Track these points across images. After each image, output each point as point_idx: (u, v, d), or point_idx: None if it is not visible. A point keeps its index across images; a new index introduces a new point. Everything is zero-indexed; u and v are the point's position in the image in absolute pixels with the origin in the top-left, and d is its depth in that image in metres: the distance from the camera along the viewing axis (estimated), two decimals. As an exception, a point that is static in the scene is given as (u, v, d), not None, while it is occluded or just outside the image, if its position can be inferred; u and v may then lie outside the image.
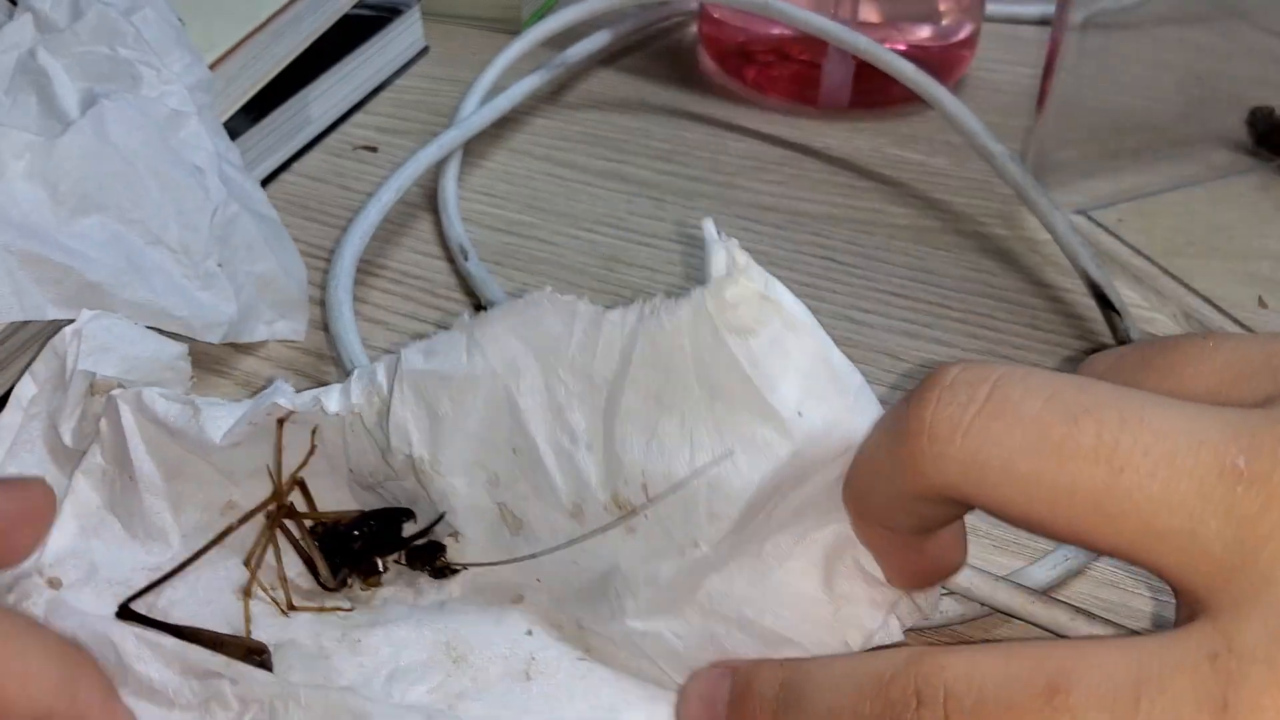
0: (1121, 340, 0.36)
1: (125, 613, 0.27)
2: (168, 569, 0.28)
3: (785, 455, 0.24)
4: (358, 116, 0.51)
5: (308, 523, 0.29)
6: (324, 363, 0.37)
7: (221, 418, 0.28)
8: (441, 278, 0.41)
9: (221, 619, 0.28)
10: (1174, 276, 0.40)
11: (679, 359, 0.25)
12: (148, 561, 0.29)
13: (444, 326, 0.30)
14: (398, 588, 0.29)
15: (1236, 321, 0.37)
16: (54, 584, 0.28)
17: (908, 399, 0.21)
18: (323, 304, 0.38)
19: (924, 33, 0.52)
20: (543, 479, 0.26)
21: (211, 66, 0.42)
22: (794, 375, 0.24)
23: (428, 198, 0.45)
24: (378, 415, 0.28)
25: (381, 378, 0.28)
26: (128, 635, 0.25)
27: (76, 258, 0.31)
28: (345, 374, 0.34)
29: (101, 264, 0.32)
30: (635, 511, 0.25)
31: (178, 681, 0.25)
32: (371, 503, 0.30)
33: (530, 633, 0.27)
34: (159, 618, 0.27)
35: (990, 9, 0.58)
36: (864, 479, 0.23)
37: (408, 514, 0.29)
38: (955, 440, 0.19)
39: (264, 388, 0.29)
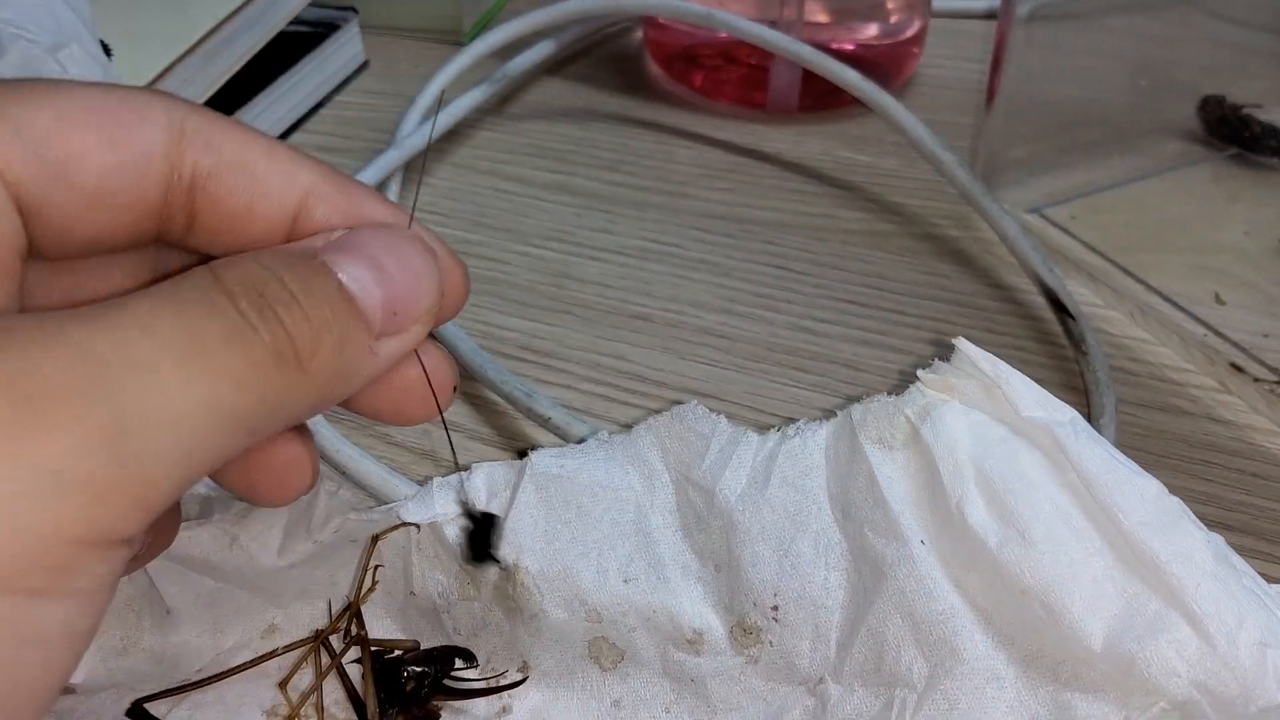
0: (1076, 342, 0.35)
1: (137, 710, 0.25)
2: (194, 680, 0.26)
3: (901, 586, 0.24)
4: (297, 136, 0.50)
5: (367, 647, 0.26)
6: None
7: (263, 534, 0.26)
8: (386, 302, 0.40)
9: None
10: (1129, 273, 0.39)
11: (814, 477, 0.25)
12: (174, 677, 0.27)
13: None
14: None
15: (1195, 318, 0.37)
16: (66, 690, 0.26)
17: None
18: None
19: (871, 31, 0.52)
20: (660, 605, 0.25)
21: (139, 93, 0.41)
22: (971, 494, 0.24)
23: (370, 219, 0.44)
24: (462, 525, 0.26)
25: (480, 483, 0.26)
26: None
27: None
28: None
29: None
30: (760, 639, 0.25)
31: None
32: (427, 632, 0.27)
33: None
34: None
35: (937, 4, 0.58)
36: None
37: (468, 655, 0.26)
38: None
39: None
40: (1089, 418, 0.34)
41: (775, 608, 0.25)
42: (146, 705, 0.25)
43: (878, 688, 0.25)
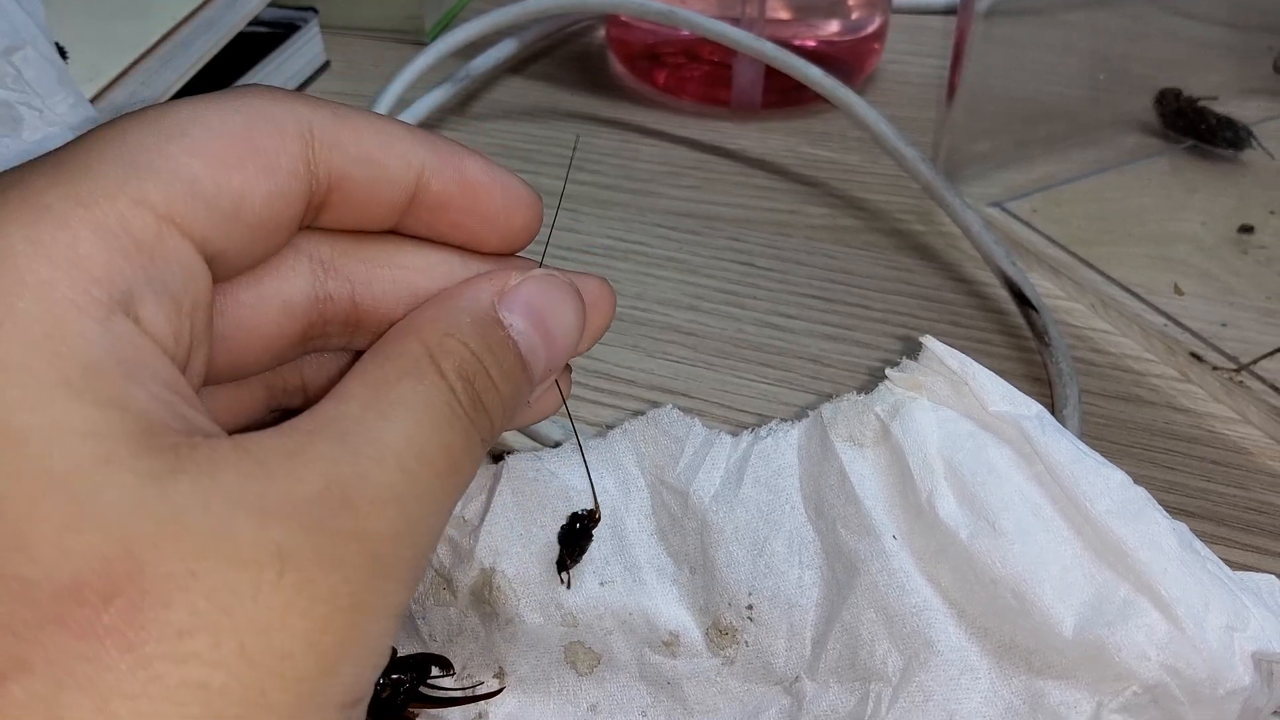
0: (1039, 335, 0.36)
1: None
2: None
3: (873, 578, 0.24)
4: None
5: None
6: None
7: None
8: (351, 304, 0.40)
9: None
10: (1090, 265, 0.40)
11: (786, 477, 0.26)
12: None
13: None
14: None
15: (1155, 308, 0.38)
16: None
17: None
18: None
19: (833, 27, 0.52)
20: (636, 607, 0.25)
21: (98, 95, 0.40)
22: (932, 489, 0.24)
23: (334, 220, 0.44)
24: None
25: None
26: None
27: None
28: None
29: None
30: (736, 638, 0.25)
31: None
32: (401, 638, 0.27)
33: None
34: None
35: (897, 0, 0.58)
36: None
37: (444, 663, 0.26)
38: None
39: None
40: (1053, 409, 0.34)
41: (750, 607, 0.25)
42: None
43: (853, 683, 0.25)
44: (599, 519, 0.25)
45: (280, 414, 0.22)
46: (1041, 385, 0.35)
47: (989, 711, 0.24)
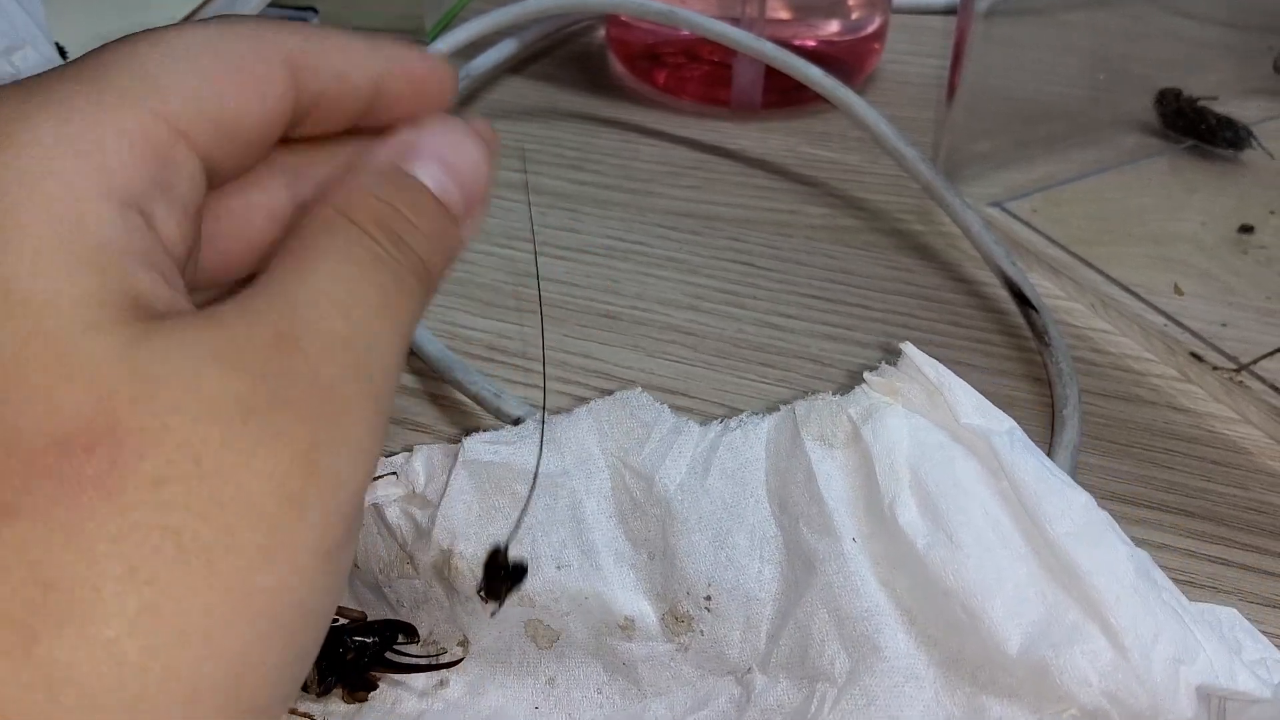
0: (1039, 335, 0.36)
1: None
2: None
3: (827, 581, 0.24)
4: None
5: None
6: None
7: None
8: (351, 304, 0.40)
9: None
10: (1090, 265, 0.40)
11: (753, 470, 0.26)
12: None
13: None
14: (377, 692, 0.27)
15: (1155, 308, 0.38)
16: None
17: None
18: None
19: (833, 28, 0.52)
20: (592, 592, 0.26)
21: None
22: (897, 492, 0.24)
23: (334, 220, 0.43)
24: (402, 507, 0.27)
25: (419, 466, 0.27)
26: None
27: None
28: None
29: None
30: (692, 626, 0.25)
31: None
32: (371, 601, 0.28)
33: None
34: None
35: (897, 0, 0.58)
36: None
37: (410, 630, 0.27)
38: None
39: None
40: (1053, 409, 0.34)
41: (708, 598, 0.25)
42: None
43: (801, 680, 0.25)
44: (525, 570, 0.25)
45: None
46: (1041, 385, 0.35)
47: (930, 719, 0.24)
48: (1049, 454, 0.33)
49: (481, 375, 0.33)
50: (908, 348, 0.26)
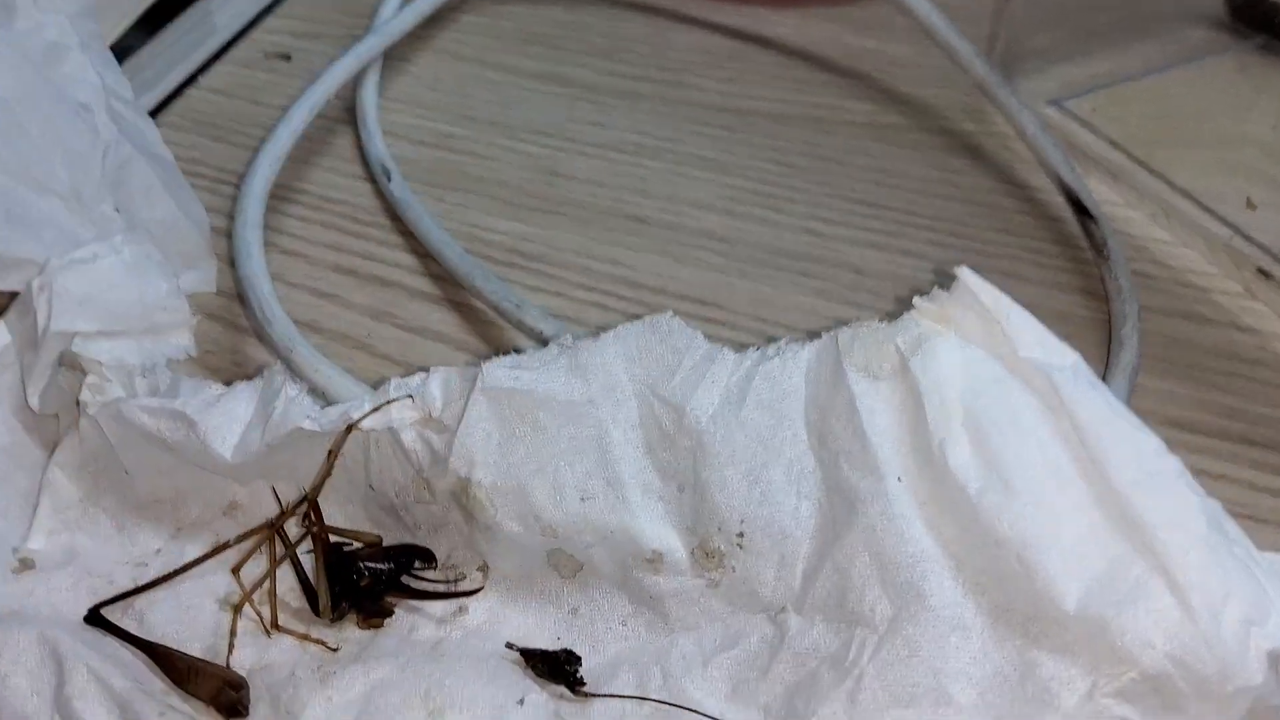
0: (1097, 246, 0.34)
1: (95, 618, 0.25)
2: (153, 567, 0.26)
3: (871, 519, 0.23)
4: (268, 21, 0.47)
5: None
6: (234, 305, 0.33)
7: (223, 426, 0.25)
8: (366, 201, 0.38)
9: (201, 629, 0.25)
10: (1152, 170, 0.37)
11: (791, 402, 0.24)
12: (133, 554, 0.27)
13: (370, 258, 0.27)
14: (393, 619, 0.26)
15: (1220, 219, 0.35)
16: (26, 564, 0.26)
17: None
18: (229, 236, 0.34)
19: (881, -94, 0.48)
20: (619, 525, 0.24)
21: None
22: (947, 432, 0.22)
23: (348, 110, 0.41)
24: (418, 431, 0.25)
25: (436, 390, 0.25)
26: (89, 653, 0.23)
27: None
28: (256, 321, 0.31)
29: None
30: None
31: None
32: (388, 524, 0.27)
33: (522, 702, 0.24)
34: (135, 617, 0.25)
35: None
36: None
37: (427, 555, 0.26)
38: None
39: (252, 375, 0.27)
40: (1109, 326, 0.32)
41: (741, 535, 0.24)
42: (103, 610, 0.25)
43: (839, 624, 0.23)
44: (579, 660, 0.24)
45: None
46: (1097, 300, 0.33)
47: (976, 673, 0.22)
48: (1104, 377, 0.31)
49: (502, 284, 0.31)
50: (964, 272, 0.24)
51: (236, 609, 0.25)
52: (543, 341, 0.29)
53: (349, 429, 0.25)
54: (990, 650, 0.22)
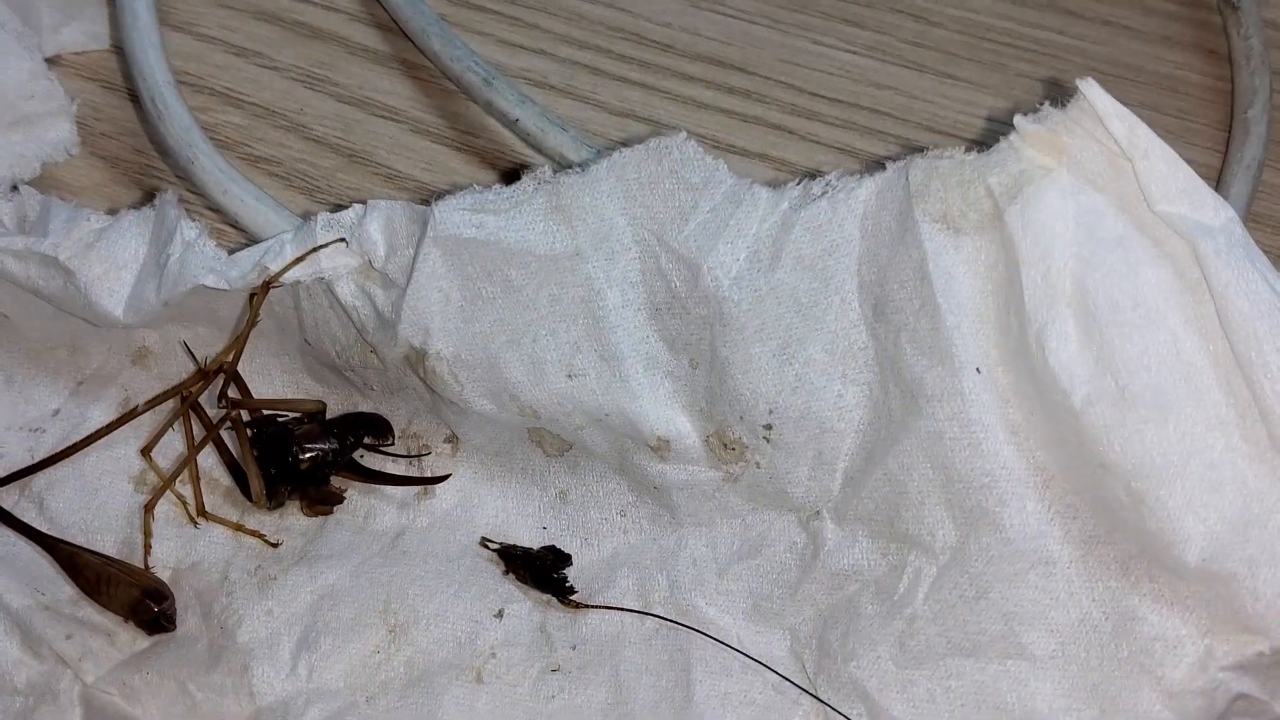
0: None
1: None
2: (51, 433, 0.22)
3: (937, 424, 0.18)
4: None
5: (243, 414, 0.21)
6: (112, 92, 0.26)
7: (108, 275, 0.21)
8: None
9: (113, 517, 0.21)
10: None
11: (840, 258, 0.19)
12: (27, 416, 0.23)
13: None
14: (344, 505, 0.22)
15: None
16: None
17: None
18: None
19: None
20: (615, 408, 0.20)
21: None
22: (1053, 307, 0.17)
23: None
24: (358, 283, 0.20)
25: (376, 232, 0.20)
26: None
27: None
28: (139, 106, 0.25)
29: None
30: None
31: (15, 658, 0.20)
32: (332, 382, 0.22)
33: (500, 614, 0.21)
34: (34, 501, 0.22)
35: None
36: None
37: (381, 427, 0.21)
38: None
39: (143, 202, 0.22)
40: (1231, 104, 0.26)
41: (769, 426, 0.20)
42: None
43: (887, 545, 0.20)
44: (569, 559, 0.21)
45: None
46: (1217, 63, 0.27)
47: (1057, 619, 0.19)
48: (1221, 171, 0.25)
49: (466, 50, 0.24)
50: (1087, 86, 0.17)
51: (148, 507, 0.21)
52: (516, 130, 0.23)
53: (266, 285, 0.20)
54: (1077, 590, 0.19)
